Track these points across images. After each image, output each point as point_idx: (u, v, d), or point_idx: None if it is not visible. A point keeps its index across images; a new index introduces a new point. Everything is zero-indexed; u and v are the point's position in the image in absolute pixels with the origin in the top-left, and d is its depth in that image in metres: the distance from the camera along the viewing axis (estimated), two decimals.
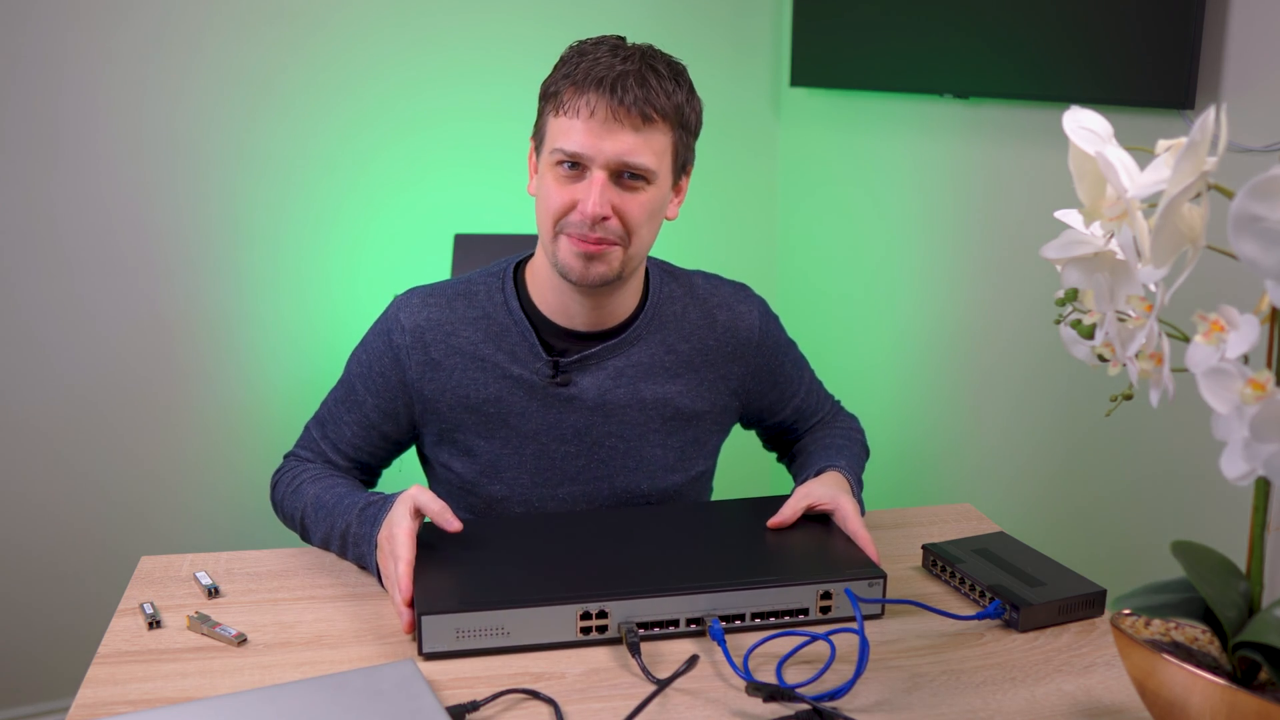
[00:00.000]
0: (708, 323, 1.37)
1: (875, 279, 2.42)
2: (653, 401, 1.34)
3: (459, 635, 1.06)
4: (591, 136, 1.20)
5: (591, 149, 1.20)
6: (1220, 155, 0.75)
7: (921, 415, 2.33)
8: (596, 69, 1.20)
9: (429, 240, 2.40)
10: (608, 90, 1.19)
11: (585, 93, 1.20)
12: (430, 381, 1.32)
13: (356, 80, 2.29)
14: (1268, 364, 0.77)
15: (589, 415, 1.33)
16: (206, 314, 2.28)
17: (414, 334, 1.31)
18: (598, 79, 1.20)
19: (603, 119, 1.19)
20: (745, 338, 1.39)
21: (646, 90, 1.21)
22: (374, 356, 1.34)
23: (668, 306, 1.36)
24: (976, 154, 2.10)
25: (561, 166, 1.22)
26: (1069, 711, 0.99)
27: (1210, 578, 0.83)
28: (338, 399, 1.39)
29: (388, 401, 1.34)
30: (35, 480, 2.20)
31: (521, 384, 1.31)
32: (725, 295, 1.40)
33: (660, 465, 1.37)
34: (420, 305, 1.33)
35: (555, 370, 1.31)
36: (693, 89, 1.30)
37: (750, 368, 1.40)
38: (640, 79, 1.21)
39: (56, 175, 2.12)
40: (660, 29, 2.52)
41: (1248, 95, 1.57)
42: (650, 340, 1.34)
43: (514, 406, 1.32)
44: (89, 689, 1.02)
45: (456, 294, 1.34)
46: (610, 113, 1.19)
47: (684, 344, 1.36)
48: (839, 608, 1.13)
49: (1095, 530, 1.90)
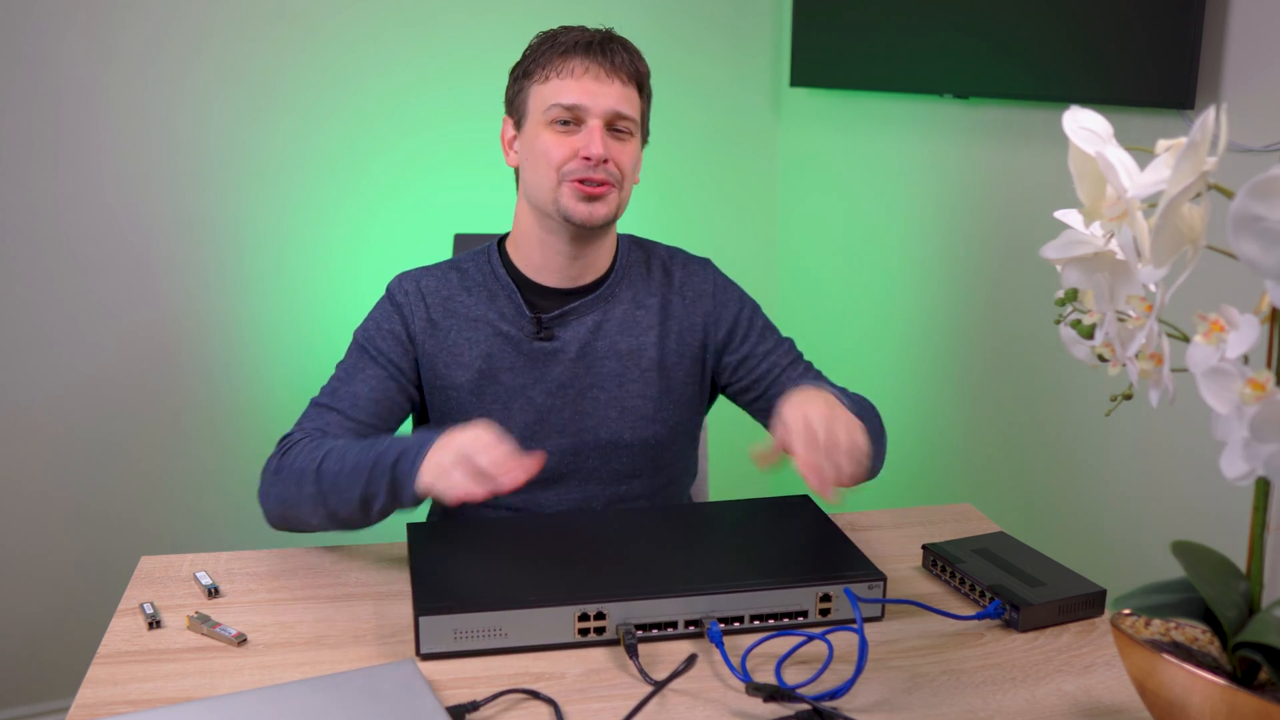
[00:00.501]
0: (667, 279, 1.48)
1: (875, 279, 2.42)
2: (628, 352, 1.43)
3: (457, 636, 1.06)
4: (587, 90, 1.32)
5: (589, 99, 1.32)
6: (1220, 155, 0.75)
7: (921, 415, 2.33)
8: (576, 40, 1.34)
9: (429, 240, 2.40)
10: (596, 51, 1.33)
11: (575, 55, 1.33)
12: (430, 339, 1.41)
13: (356, 81, 2.29)
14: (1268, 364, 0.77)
15: (572, 367, 1.41)
16: (207, 314, 2.28)
17: (415, 295, 1.43)
18: (585, 44, 1.33)
19: (595, 75, 1.32)
20: (700, 289, 1.48)
21: (629, 54, 1.36)
22: (381, 317, 1.43)
23: (636, 268, 1.47)
24: (976, 154, 2.10)
25: (557, 124, 1.33)
26: (1069, 711, 0.99)
27: (1210, 578, 0.83)
28: (345, 369, 1.41)
29: (399, 355, 1.41)
30: (35, 480, 2.20)
31: (510, 340, 1.41)
32: (682, 258, 1.51)
33: (640, 415, 1.44)
34: (417, 277, 1.45)
35: (539, 326, 1.40)
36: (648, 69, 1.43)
37: (711, 317, 1.47)
38: (621, 43, 1.36)
39: (57, 175, 2.12)
40: (660, 29, 2.52)
41: (1248, 95, 1.57)
42: (622, 296, 1.45)
43: (503, 363, 1.41)
44: (89, 689, 1.02)
45: (449, 268, 1.46)
46: (601, 69, 1.33)
47: (651, 298, 1.46)
48: (838, 610, 1.13)
49: (1095, 530, 1.90)
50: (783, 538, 1.22)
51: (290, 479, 1.27)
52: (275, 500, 1.28)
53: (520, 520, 1.29)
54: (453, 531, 1.24)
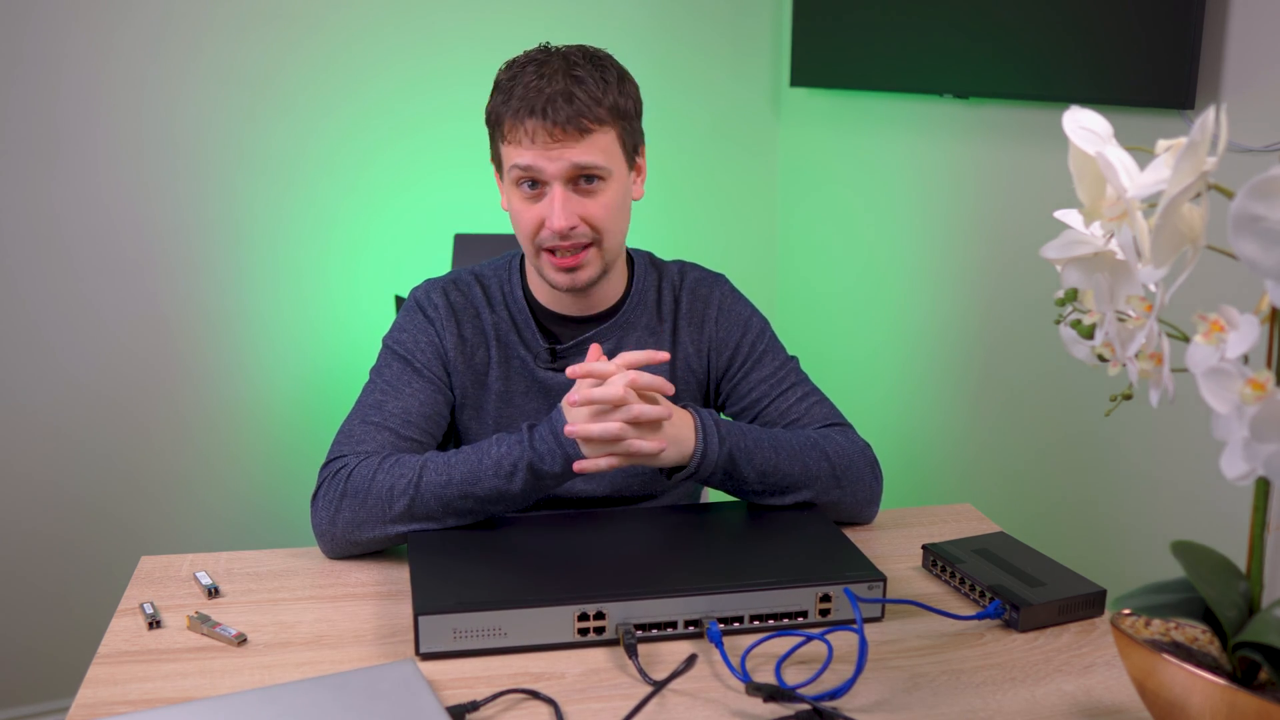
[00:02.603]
0: (675, 303, 1.46)
1: (875, 279, 2.42)
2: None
3: (456, 635, 1.06)
4: (541, 154, 1.27)
5: (545, 162, 1.27)
6: (1220, 155, 0.75)
7: (921, 415, 2.33)
8: (528, 96, 1.27)
9: (429, 240, 2.40)
10: (540, 115, 1.26)
11: (522, 121, 1.27)
12: (460, 355, 1.40)
13: (356, 80, 2.29)
14: (1268, 364, 0.77)
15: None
16: (207, 314, 2.28)
17: (445, 311, 1.40)
18: (530, 107, 1.26)
19: (544, 142, 1.27)
20: (705, 314, 1.46)
21: (575, 105, 1.26)
22: (416, 329, 1.40)
23: (649, 293, 1.45)
24: (976, 154, 2.10)
25: (522, 186, 1.30)
26: (1069, 711, 0.99)
27: (1210, 578, 0.83)
28: (388, 382, 1.36)
29: (439, 368, 1.39)
30: (35, 479, 2.20)
31: (525, 367, 1.41)
32: (692, 281, 1.47)
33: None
34: (444, 289, 1.42)
35: (553, 357, 1.40)
36: (622, 75, 1.34)
37: (714, 344, 1.46)
38: (568, 96, 1.26)
39: (57, 175, 2.12)
40: (660, 29, 2.52)
41: (1248, 95, 1.57)
42: (637, 323, 1.43)
43: (518, 386, 1.41)
44: (89, 689, 1.02)
45: (473, 280, 1.43)
46: (548, 135, 1.26)
47: (663, 325, 1.45)
48: (838, 610, 1.13)
49: (1095, 530, 1.90)
50: (783, 538, 1.22)
51: (373, 500, 1.23)
52: (345, 525, 1.24)
53: (520, 520, 1.29)
54: (452, 531, 1.24)
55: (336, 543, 1.26)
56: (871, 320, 2.45)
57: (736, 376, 1.45)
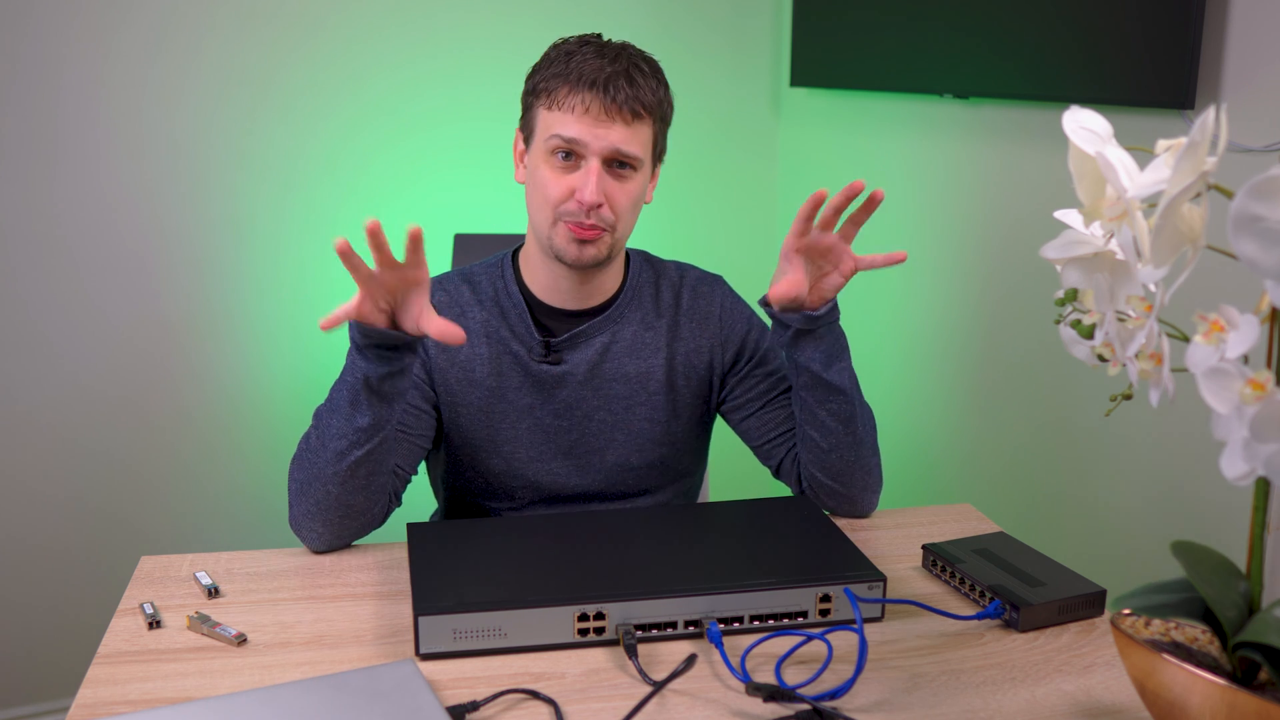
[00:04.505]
0: (676, 301, 1.48)
1: (875, 279, 2.42)
2: (636, 375, 1.44)
3: (456, 636, 1.06)
4: (588, 128, 1.30)
5: (589, 137, 1.30)
6: (1220, 155, 0.75)
7: (921, 415, 2.33)
8: (587, 70, 1.31)
9: (429, 240, 2.40)
10: (601, 89, 1.30)
11: (580, 91, 1.30)
12: (443, 354, 1.41)
13: (356, 80, 2.29)
14: (1268, 364, 0.77)
15: (579, 390, 1.42)
16: (207, 314, 2.28)
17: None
18: (590, 80, 1.30)
19: (597, 115, 1.30)
20: (708, 311, 1.48)
21: (635, 89, 1.31)
22: None
23: (645, 289, 1.47)
24: (976, 154, 2.10)
25: (557, 156, 1.32)
26: (1069, 711, 0.99)
27: (1210, 578, 0.83)
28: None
29: (417, 366, 1.39)
30: (35, 480, 2.20)
31: (519, 360, 1.41)
32: (692, 280, 1.50)
33: (648, 438, 1.45)
34: (432, 290, 1.42)
35: (547, 350, 1.41)
36: (667, 83, 1.40)
37: (718, 340, 1.47)
38: (629, 78, 1.31)
39: (57, 175, 2.12)
40: (660, 29, 2.52)
41: (1248, 95, 1.57)
42: (631, 318, 1.45)
43: (511, 381, 1.41)
44: (89, 689, 1.02)
45: (461, 280, 1.45)
46: (604, 109, 1.30)
47: (659, 320, 1.46)
48: (838, 610, 1.13)
49: (1095, 530, 1.90)
50: (783, 538, 1.22)
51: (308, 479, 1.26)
52: (303, 513, 1.27)
53: (520, 520, 1.29)
54: (452, 531, 1.24)
55: (314, 536, 1.28)
56: (871, 320, 2.45)
57: (742, 371, 1.47)
